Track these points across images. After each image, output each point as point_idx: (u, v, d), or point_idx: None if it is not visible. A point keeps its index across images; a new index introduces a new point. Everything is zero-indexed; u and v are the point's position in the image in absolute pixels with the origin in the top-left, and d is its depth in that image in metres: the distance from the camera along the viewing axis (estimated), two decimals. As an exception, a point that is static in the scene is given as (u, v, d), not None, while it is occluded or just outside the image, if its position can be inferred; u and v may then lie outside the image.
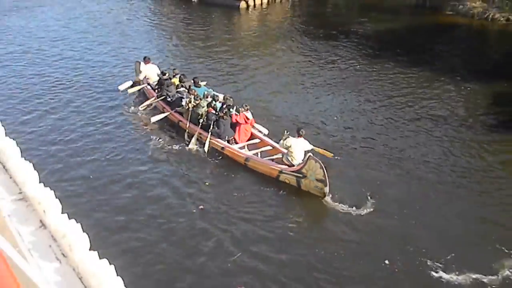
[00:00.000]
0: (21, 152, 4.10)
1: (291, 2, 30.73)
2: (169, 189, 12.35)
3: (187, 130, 14.76)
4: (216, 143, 14.06)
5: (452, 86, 18.62)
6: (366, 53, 22.25)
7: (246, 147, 14.08)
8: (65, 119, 16.20)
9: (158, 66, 18.48)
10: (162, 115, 15.69)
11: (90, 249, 2.79)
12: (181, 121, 15.28)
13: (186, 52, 24.13)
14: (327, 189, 11.63)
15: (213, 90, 15.96)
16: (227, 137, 14.15)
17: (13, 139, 4.66)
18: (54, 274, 2.74)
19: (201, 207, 11.51)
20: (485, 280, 9.82)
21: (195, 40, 25.95)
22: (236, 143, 14.21)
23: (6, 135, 4.89)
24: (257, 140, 14.44)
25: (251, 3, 29.68)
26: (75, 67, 21.21)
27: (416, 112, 17.02)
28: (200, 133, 14.46)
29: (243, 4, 29.36)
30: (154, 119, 15.50)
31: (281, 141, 13.01)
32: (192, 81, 16.34)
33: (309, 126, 15.40)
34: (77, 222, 2.89)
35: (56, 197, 3.34)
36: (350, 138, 15.52)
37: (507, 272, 9.80)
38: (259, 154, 13.66)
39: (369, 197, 11.64)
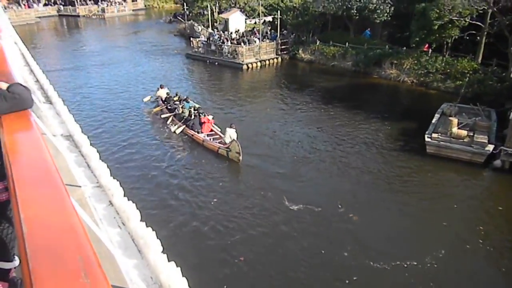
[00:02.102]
0: (99, 155, 4.09)
1: (275, 67, 30.89)
2: (161, 154, 16.19)
3: (176, 124, 17.91)
4: (189, 132, 17.24)
5: (376, 123, 18.91)
6: (321, 101, 22.48)
7: (206, 135, 16.95)
8: (119, 120, 19.07)
9: (167, 90, 21.35)
10: (167, 115, 18.99)
11: (140, 220, 2.78)
12: (174, 119, 18.50)
13: (203, 92, 24.78)
14: (241, 158, 14.78)
15: (202, 108, 18.89)
16: (196, 129, 17.16)
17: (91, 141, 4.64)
18: (116, 236, 2.73)
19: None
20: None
21: (210, 85, 26.57)
22: (202, 133, 17.08)
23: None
24: (212, 132, 17.37)
25: (250, 66, 29.76)
26: (130, 96, 22.87)
27: (353, 138, 17.36)
28: (182, 125, 17.64)
29: (244, 66, 29.48)
30: (163, 116, 19.11)
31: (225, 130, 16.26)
32: (185, 98, 19.71)
33: (279, 140, 17.29)
34: (132, 202, 2.88)
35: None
36: (305, 151, 15.85)
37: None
38: (211, 139, 16.70)
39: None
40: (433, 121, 17.10)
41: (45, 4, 65.59)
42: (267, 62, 30.67)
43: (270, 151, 16.21)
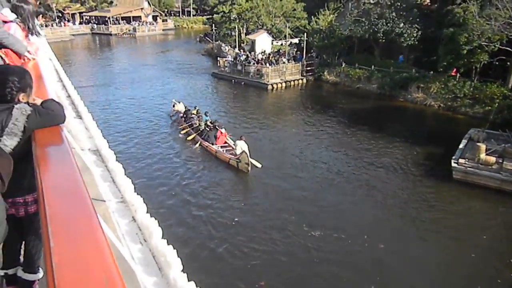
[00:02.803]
0: (124, 169, 4.14)
1: (300, 87, 31.01)
2: (180, 162, 17.29)
3: (193, 136, 19.00)
4: (204, 144, 18.19)
5: (402, 147, 18.66)
6: (346, 123, 22.36)
7: (219, 147, 17.78)
8: (144, 135, 19.90)
9: (184, 104, 22.56)
10: (185, 128, 20.00)
11: (162, 238, 2.79)
12: (191, 130, 19.45)
13: (228, 110, 25.15)
14: (249, 168, 15.52)
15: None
16: (210, 141, 18.16)
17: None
18: (137, 252, 2.74)
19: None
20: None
21: (235, 104, 26.88)
22: (216, 144, 17.97)
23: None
24: (226, 144, 18.17)
25: (275, 86, 30.00)
26: (157, 112, 23.08)
27: (378, 162, 17.10)
28: (198, 139, 18.62)
29: (269, 87, 29.73)
30: (183, 131, 20.02)
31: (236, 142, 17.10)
32: (204, 113, 20.70)
33: (302, 161, 17.22)
34: (155, 219, 2.90)
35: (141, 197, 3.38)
36: (328, 173, 15.66)
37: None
38: (224, 150, 17.49)
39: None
40: (460, 146, 16.71)
41: (80, 23, 68.36)
42: (292, 83, 30.85)
43: (293, 172, 16.10)
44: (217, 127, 18.84)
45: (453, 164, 15.27)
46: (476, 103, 22.77)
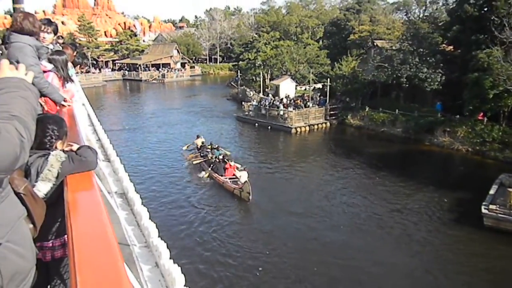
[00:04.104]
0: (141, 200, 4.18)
1: (324, 131, 31.08)
2: (190, 191, 18.99)
3: (205, 169, 20.22)
4: (213, 175, 19.39)
5: (429, 192, 18.17)
6: (370, 167, 22.00)
7: (227, 178, 18.80)
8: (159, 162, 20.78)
9: (203, 139, 23.76)
10: (198, 161, 21.49)
11: (184, 285, 2.76)
12: (203, 163, 21.00)
13: (252, 153, 25.23)
14: (250, 197, 16.65)
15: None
16: (220, 173, 19.28)
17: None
18: (160, 299, 2.72)
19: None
20: None
21: (259, 147, 27.01)
22: (225, 176, 19.03)
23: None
24: (234, 176, 19.05)
25: (298, 130, 30.21)
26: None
27: (405, 208, 16.64)
28: (208, 170, 19.82)
29: (293, 130, 29.94)
30: (195, 162, 21.62)
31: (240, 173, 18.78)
32: (216, 147, 22.27)
33: (326, 207, 16.76)
34: (178, 266, 2.87)
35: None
36: (352, 219, 15.28)
37: None
38: (231, 181, 18.50)
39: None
40: (491, 192, 16.11)
41: (112, 69, 71.69)
42: (316, 126, 31.00)
43: (319, 216, 15.75)
44: (226, 160, 20.20)
45: (484, 211, 14.68)
46: (506, 148, 22.17)
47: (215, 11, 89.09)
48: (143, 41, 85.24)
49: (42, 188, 2.05)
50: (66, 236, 2.30)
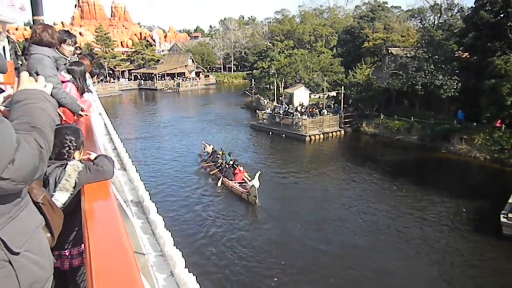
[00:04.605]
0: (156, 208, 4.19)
1: (338, 139, 30.92)
2: (202, 195, 19.62)
3: (217, 175, 20.85)
4: (224, 180, 20.10)
5: (446, 201, 17.84)
6: (386, 175, 21.70)
7: (237, 183, 19.59)
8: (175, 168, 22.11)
9: (213, 146, 25.00)
10: (215, 170, 21.53)
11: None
12: (214, 168, 21.75)
13: (267, 161, 25.09)
14: (257, 201, 17.35)
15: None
16: (230, 177, 20.11)
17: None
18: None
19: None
20: None
21: (273, 155, 26.91)
22: (234, 180, 19.87)
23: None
24: (243, 181, 19.83)
25: (313, 137, 30.09)
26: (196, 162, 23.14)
27: (421, 217, 16.37)
28: (220, 176, 20.47)
29: (307, 138, 29.85)
30: (207, 168, 22.41)
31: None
32: (228, 153, 22.83)
33: (341, 217, 16.48)
34: (193, 275, 2.87)
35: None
36: (368, 229, 15.04)
37: None
38: (240, 185, 19.27)
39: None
40: (510, 200, 15.72)
41: (128, 79, 72.80)
42: (330, 134, 30.84)
43: (334, 228, 15.53)
44: (235, 165, 20.98)
45: (502, 219, 14.35)
46: (526, 155, 21.69)
47: (230, 21, 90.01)
48: (162, 50, 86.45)
49: (60, 197, 2.07)
50: (83, 244, 2.32)
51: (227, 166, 21.02)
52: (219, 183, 20.20)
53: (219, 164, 21.71)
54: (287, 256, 13.40)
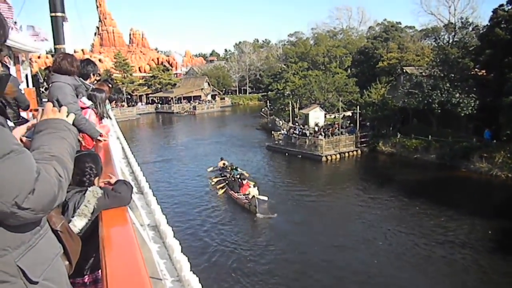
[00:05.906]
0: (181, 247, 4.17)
1: (355, 159, 30.64)
2: (208, 204, 21.46)
3: (224, 187, 22.57)
4: (229, 191, 21.74)
5: (467, 222, 17.37)
6: (404, 195, 21.27)
7: (242, 195, 20.77)
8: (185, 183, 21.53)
9: (225, 161, 26.50)
10: (224, 190, 22.53)
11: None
12: (222, 182, 23.40)
13: (283, 182, 24.85)
14: (257, 210, 18.38)
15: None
16: (235, 190, 21.47)
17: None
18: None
19: None
20: None
21: (289, 175, 26.77)
22: (240, 193, 21.11)
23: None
24: (247, 192, 20.69)
25: (329, 158, 29.91)
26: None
27: (443, 239, 15.93)
28: (225, 187, 22.40)
29: (324, 158, 29.67)
30: (215, 180, 24.03)
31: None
32: (235, 168, 24.38)
33: (357, 238, 16.18)
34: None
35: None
36: (387, 251, 14.69)
37: None
38: (244, 197, 20.40)
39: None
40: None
41: (146, 103, 74.11)
42: (347, 154, 30.61)
43: (352, 250, 15.21)
44: (240, 179, 22.38)
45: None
46: (549, 173, 21.07)
47: (244, 44, 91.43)
48: (182, 74, 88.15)
49: (78, 223, 2.09)
50: (97, 272, 2.31)
51: (233, 179, 22.73)
52: (220, 192, 22.25)
53: (227, 177, 23.54)
54: (305, 280, 13.18)
